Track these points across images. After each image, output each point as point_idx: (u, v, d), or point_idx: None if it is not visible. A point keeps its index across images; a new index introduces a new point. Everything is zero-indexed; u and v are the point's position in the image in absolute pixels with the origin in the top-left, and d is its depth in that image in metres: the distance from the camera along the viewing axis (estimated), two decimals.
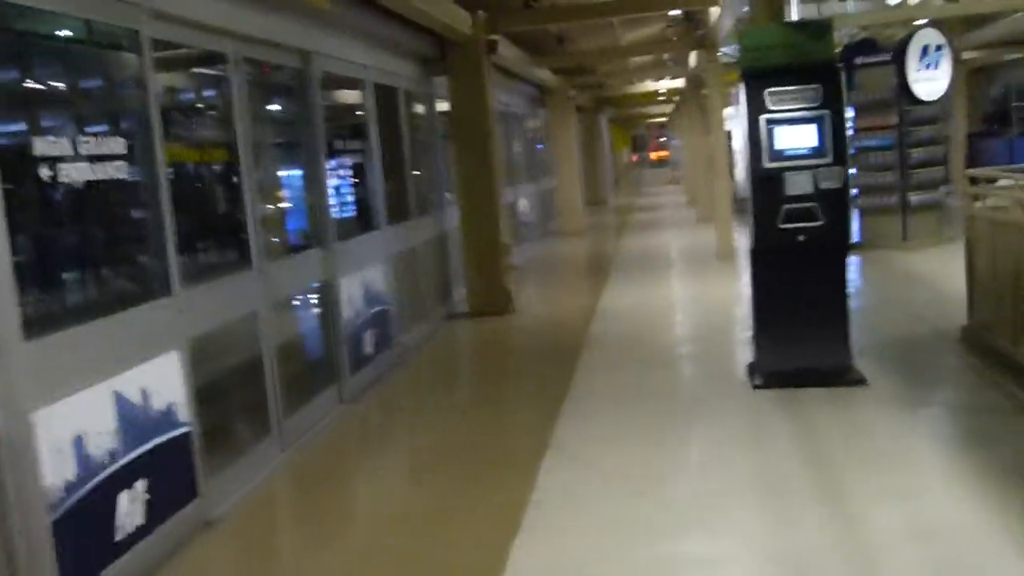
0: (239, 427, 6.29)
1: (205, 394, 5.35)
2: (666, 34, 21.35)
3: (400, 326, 9.24)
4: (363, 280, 8.23)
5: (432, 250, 10.89)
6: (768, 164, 7.05)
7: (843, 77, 7.07)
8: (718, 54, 14.56)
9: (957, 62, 15.84)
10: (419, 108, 11.14)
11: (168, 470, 4.84)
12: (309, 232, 7.49)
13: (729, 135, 17.74)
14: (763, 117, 7.06)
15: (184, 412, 5.01)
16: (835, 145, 7.00)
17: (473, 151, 11.04)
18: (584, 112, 29.99)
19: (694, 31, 18.15)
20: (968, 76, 23.56)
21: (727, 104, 15.91)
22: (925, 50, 13.78)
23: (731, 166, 16.65)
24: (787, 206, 7.05)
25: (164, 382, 4.85)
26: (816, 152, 7.04)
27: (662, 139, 69.55)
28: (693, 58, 18.31)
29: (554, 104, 20.86)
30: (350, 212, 8.63)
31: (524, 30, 14.66)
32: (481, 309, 11.16)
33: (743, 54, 7.24)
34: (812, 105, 7.03)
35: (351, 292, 7.90)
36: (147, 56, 4.95)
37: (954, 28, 17.07)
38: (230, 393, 6.32)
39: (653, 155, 73.78)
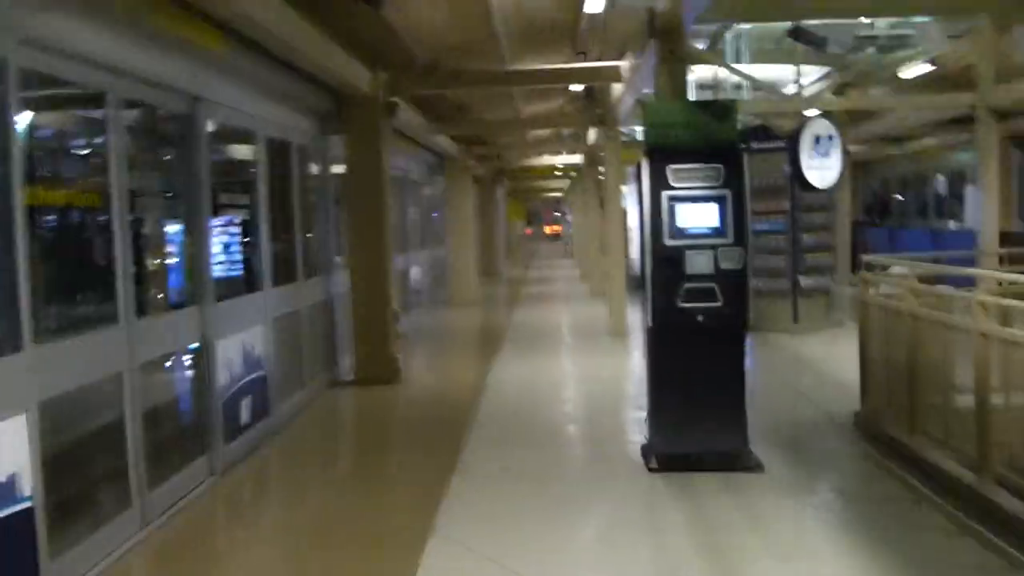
0: (95, 500, 5.74)
1: (57, 463, 4.84)
2: (565, 109, 21.53)
3: (280, 393, 8.77)
4: (242, 343, 7.77)
5: (319, 314, 10.46)
6: (669, 241, 6.92)
7: (744, 159, 7.01)
8: (618, 130, 14.60)
9: (844, 154, 16.25)
10: (313, 166, 10.79)
11: (3, 551, 4.30)
12: (187, 289, 7.02)
13: (624, 213, 17.78)
14: (666, 193, 6.94)
15: (27, 484, 4.48)
16: (736, 226, 6.91)
17: (366, 214, 10.72)
18: (481, 183, 29.97)
19: (594, 108, 18.29)
20: (851, 168, 24.33)
21: (624, 182, 15.97)
22: (817, 139, 14.01)
23: (626, 244, 16.64)
24: (687, 285, 6.91)
25: (4, 450, 4.33)
26: (717, 232, 6.93)
27: (557, 214, 70.51)
28: (592, 134, 18.42)
29: (452, 172, 20.72)
30: (233, 271, 8.19)
31: (425, 94, 14.51)
32: (367, 377, 10.74)
33: (648, 129, 7.14)
34: (714, 184, 6.95)
35: (228, 355, 7.43)
36: (11, 87, 4.52)
37: (841, 122, 17.60)
38: (88, 462, 5.77)
39: (548, 229, 74.71)
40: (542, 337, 14.98)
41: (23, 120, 4.71)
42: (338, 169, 11.12)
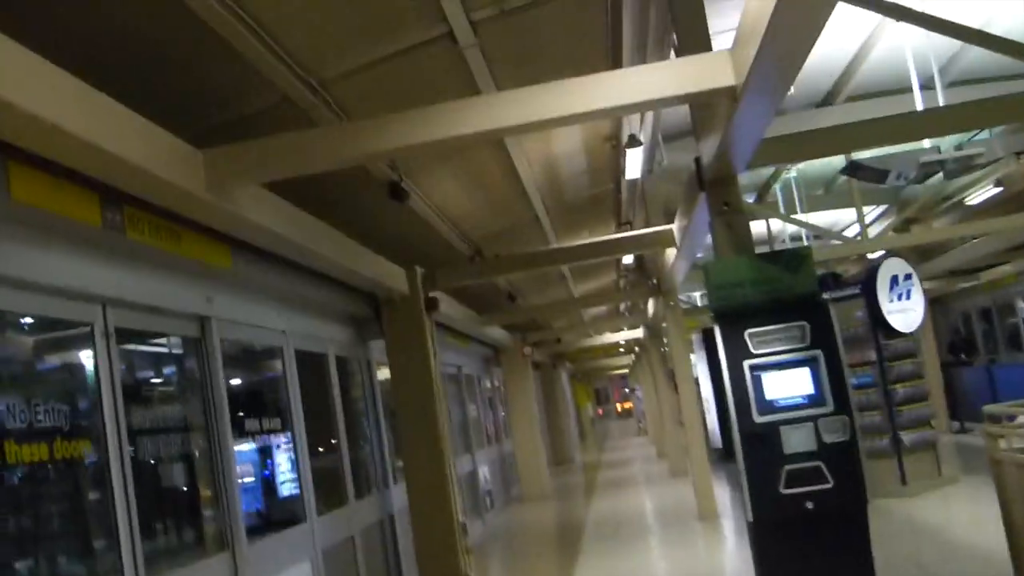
0: None
1: None
2: (619, 284, 20.87)
3: None
4: None
5: (377, 536, 9.47)
6: (759, 418, 5.92)
7: (831, 311, 6.08)
8: (676, 298, 13.77)
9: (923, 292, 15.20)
10: (355, 375, 10.04)
11: None
12: (206, 534, 6.12)
13: (697, 383, 16.77)
14: (747, 363, 6.00)
15: None
16: (835, 390, 5.92)
17: (418, 420, 9.85)
18: (542, 368, 29.19)
19: (648, 278, 17.59)
20: (928, 306, 23.15)
21: (691, 350, 15.02)
22: (894, 280, 13.09)
23: (702, 416, 15.52)
24: (788, 467, 5.86)
25: None
26: (814, 400, 5.95)
27: (625, 390, 69.21)
28: (651, 306, 17.62)
29: (509, 362, 19.94)
30: (268, 503, 7.30)
31: (468, 285, 13.89)
32: None
33: (712, 292, 6.26)
34: (801, 345, 6.01)
35: None
36: None
37: (910, 259, 16.64)
38: None
39: (619, 406, 73.24)
40: (625, 530, 13.73)
41: None
42: (385, 375, 10.34)
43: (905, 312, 13.07)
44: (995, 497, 6.77)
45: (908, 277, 13.27)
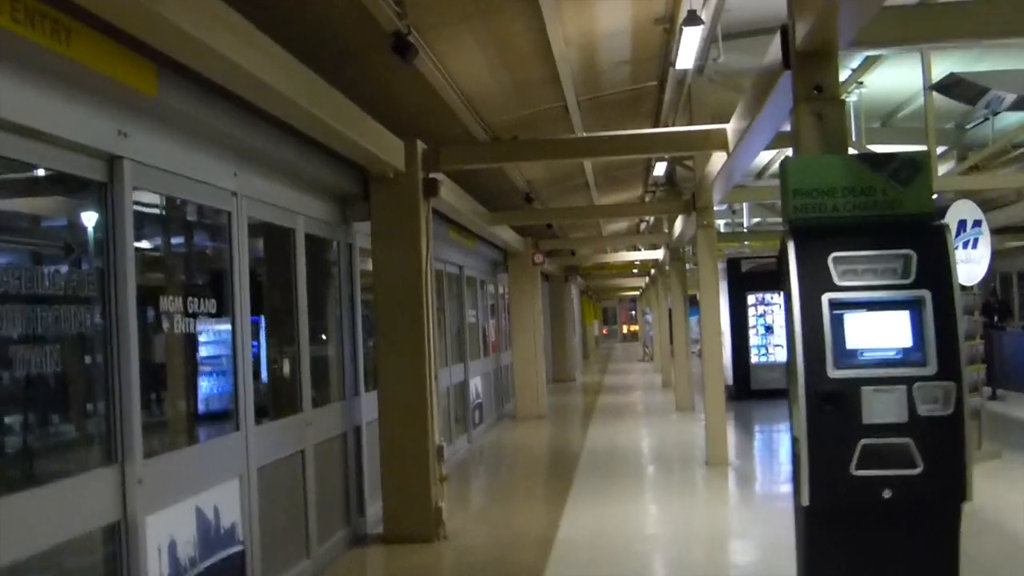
0: None
1: None
2: (645, 199, 19.27)
3: (270, 570, 6.34)
4: (198, 511, 5.37)
5: (336, 453, 8.07)
6: (834, 372, 4.40)
7: (950, 241, 4.50)
8: (712, 217, 12.17)
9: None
10: (329, 260, 8.54)
11: None
12: (83, 442, 4.67)
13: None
14: (826, 297, 4.45)
15: None
16: (942, 346, 4.38)
17: (399, 321, 8.38)
18: (552, 280, 27.73)
19: (679, 194, 15.99)
20: None
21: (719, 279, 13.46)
22: (962, 226, 11.45)
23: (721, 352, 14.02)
24: (865, 440, 4.36)
25: None
26: (911, 357, 4.42)
27: (632, 312, 67.88)
28: (678, 225, 16.01)
29: (517, 268, 18.42)
30: (188, 406, 5.86)
31: (480, 179, 12.30)
32: (400, 533, 8.26)
33: (789, 200, 4.68)
34: (902, 282, 4.45)
35: (170, 534, 5.03)
36: None
37: None
38: None
39: (624, 328, 71.99)
40: (623, 467, 12.36)
41: None
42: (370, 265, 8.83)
43: (969, 263, 11.45)
44: None
45: (977, 224, 11.62)
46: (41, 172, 4.50)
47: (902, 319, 4.44)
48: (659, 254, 22.83)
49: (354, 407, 8.55)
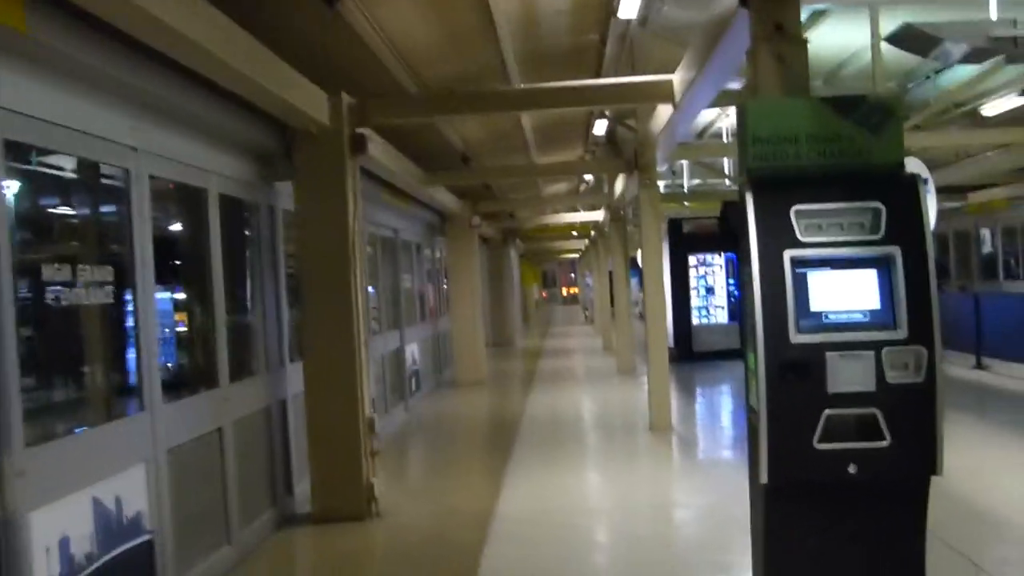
0: None
1: None
2: (586, 159, 18.84)
3: (182, 561, 5.83)
4: (95, 502, 4.83)
5: (259, 429, 7.55)
6: (798, 337, 3.99)
7: (923, 193, 4.10)
8: (655, 177, 11.75)
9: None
10: (248, 223, 7.96)
11: None
12: None
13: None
14: (788, 254, 4.03)
15: None
16: (913, 308, 3.99)
17: (325, 287, 7.85)
18: (491, 244, 27.28)
19: (620, 154, 15.56)
20: None
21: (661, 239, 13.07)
22: None
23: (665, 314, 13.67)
24: (830, 411, 3.97)
25: None
26: (880, 320, 4.03)
27: (572, 275, 67.71)
28: (619, 185, 15.60)
29: (455, 232, 17.90)
30: (80, 385, 5.30)
31: (415, 138, 11.74)
32: (330, 511, 7.78)
33: (748, 147, 4.25)
34: (871, 238, 4.05)
35: (61, 531, 4.49)
36: None
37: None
38: None
39: (564, 291, 71.83)
40: (564, 433, 11.98)
41: None
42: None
43: None
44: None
45: (925, 182, 11.37)
46: None
47: (870, 279, 4.05)
48: (599, 216, 22.45)
49: (279, 379, 8.02)
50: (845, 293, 4.05)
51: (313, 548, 7.54)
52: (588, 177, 22.61)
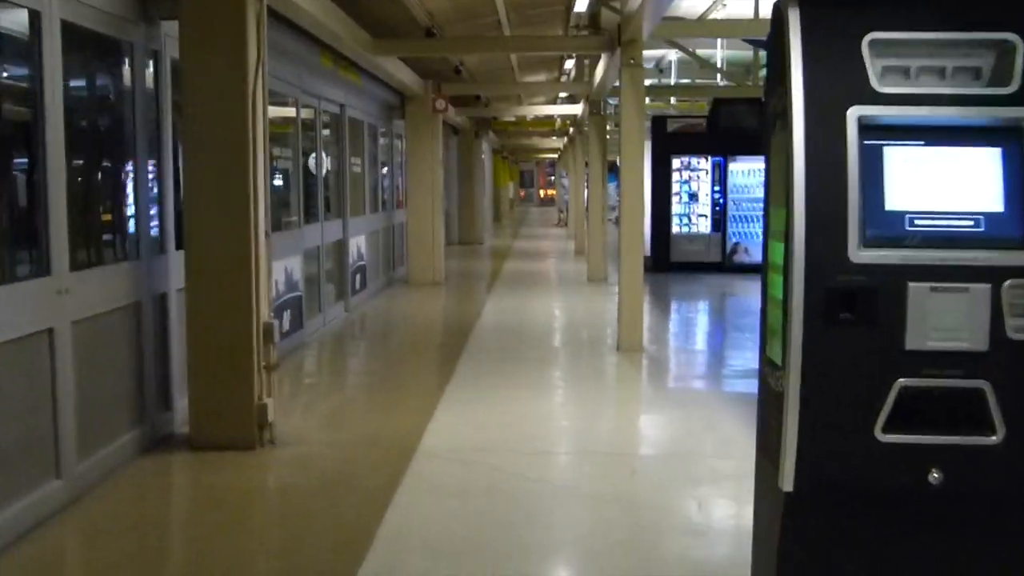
0: None
1: None
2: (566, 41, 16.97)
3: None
4: None
5: (118, 330, 5.93)
6: (862, 254, 2.40)
7: None
8: (640, 56, 9.99)
9: None
10: (115, 69, 6.22)
11: None
12: None
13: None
14: (857, 113, 2.41)
15: None
16: None
17: (216, 158, 6.16)
18: (463, 135, 25.47)
19: (601, 35, 13.71)
20: None
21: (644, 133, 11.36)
22: None
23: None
24: (907, 381, 2.40)
25: None
26: (1000, 233, 2.43)
27: (551, 177, 65.77)
28: (599, 71, 13.81)
29: (415, 115, 16.06)
30: None
31: (367, 4, 9.92)
32: (207, 437, 6.22)
33: None
34: (993, 92, 2.44)
35: None
36: None
37: None
38: None
39: (541, 193, 69.93)
40: (518, 349, 10.43)
41: None
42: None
43: None
44: None
45: None
46: None
47: (988, 162, 2.45)
48: (578, 109, 20.62)
49: (156, 269, 6.37)
50: (945, 185, 2.46)
51: (171, 483, 5.98)
52: (568, 65, 20.76)
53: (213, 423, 6.26)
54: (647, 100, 16.62)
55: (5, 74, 5.20)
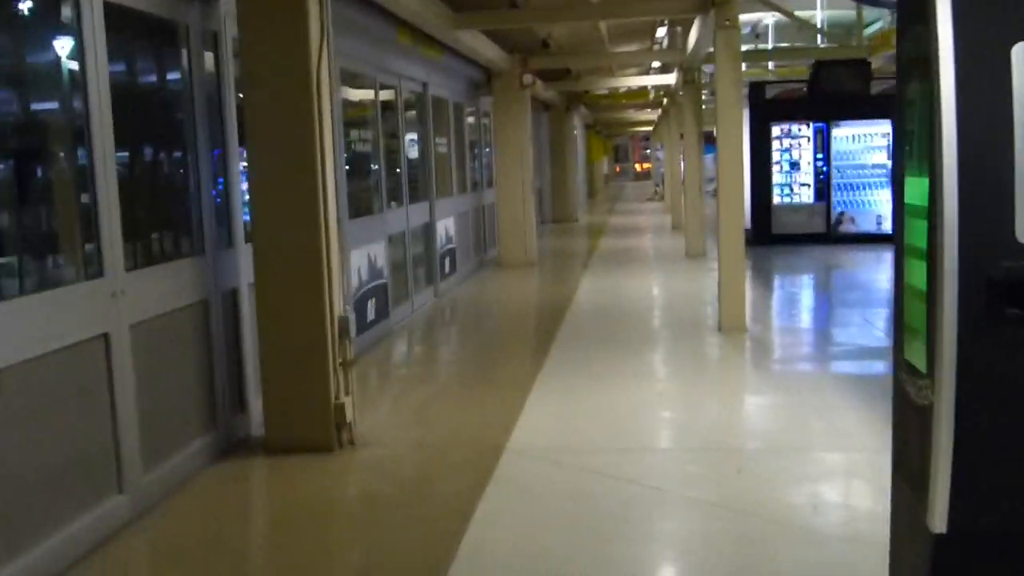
0: None
1: None
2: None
3: (27, 528, 4.00)
4: None
5: (184, 331, 5.63)
6: None
7: None
8: (735, 16, 9.33)
9: None
10: (170, 50, 5.89)
11: None
12: None
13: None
14: None
15: None
16: None
17: (281, 145, 5.80)
18: (553, 111, 24.94)
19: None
20: None
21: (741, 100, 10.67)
22: None
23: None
24: None
25: None
26: None
27: (647, 151, 64.68)
28: (693, 35, 13.12)
29: (502, 92, 15.60)
30: None
31: None
32: (284, 441, 5.90)
33: None
34: None
35: None
36: None
37: None
38: None
39: (637, 167, 68.87)
40: (614, 332, 9.93)
41: None
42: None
43: None
44: None
45: None
46: None
47: None
48: (671, 79, 19.88)
49: (223, 264, 6.05)
50: None
51: (241, 494, 5.65)
52: (660, 33, 20.01)
53: (288, 425, 5.93)
54: (743, 66, 15.83)
55: (44, 59, 4.88)
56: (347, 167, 8.75)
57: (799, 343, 9.61)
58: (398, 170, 10.87)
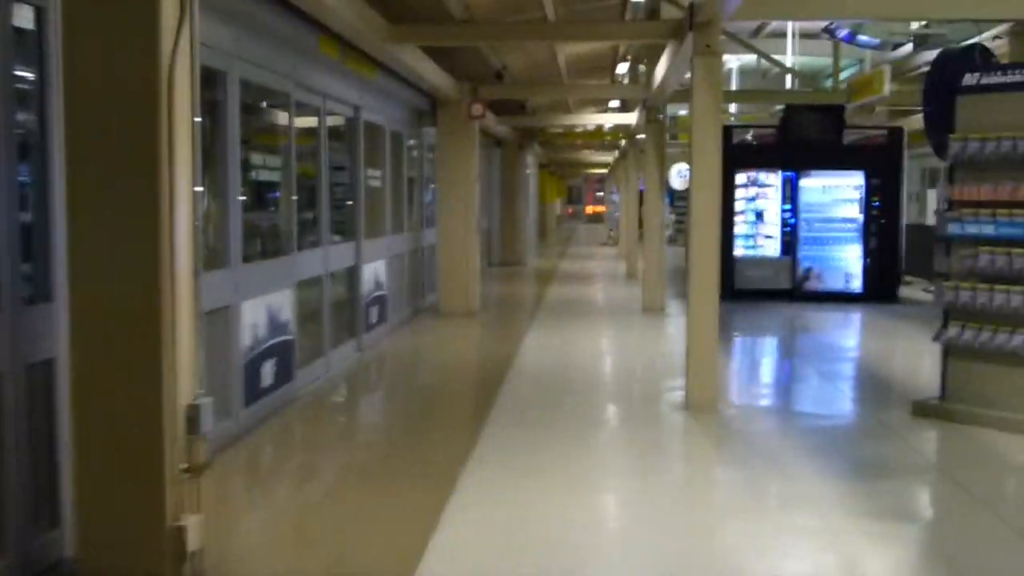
0: None
1: None
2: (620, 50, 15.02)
3: None
4: None
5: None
6: None
7: None
8: (716, 42, 7.89)
9: None
10: None
11: None
12: None
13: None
14: None
15: None
16: None
17: (108, 165, 4.19)
18: (506, 147, 23.56)
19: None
20: None
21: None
22: None
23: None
24: None
25: None
26: None
27: (599, 193, 63.53)
28: (661, 66, 11.72)
29: (448, 122, 14.08)
30: None
31: None
32: (102, 572, 4.24)
33: None
34: None
35: None
36: None
37: None
38: None
39: (589, 209, 67.65)
40: (560, 408, 8.35)
41: None
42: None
43: None
44: None
45: None
46: None
47: None
48: (632, 118, 18.54)
49: (31, 326, 4.40)
50: None
51: None
52: (621, 70, 18.75)
53: (108, 553, 4.27)
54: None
55: None
56: (242, 198, 7.15)
57: (786, 430, 7.80)
58: (317, 206, 9.26)
